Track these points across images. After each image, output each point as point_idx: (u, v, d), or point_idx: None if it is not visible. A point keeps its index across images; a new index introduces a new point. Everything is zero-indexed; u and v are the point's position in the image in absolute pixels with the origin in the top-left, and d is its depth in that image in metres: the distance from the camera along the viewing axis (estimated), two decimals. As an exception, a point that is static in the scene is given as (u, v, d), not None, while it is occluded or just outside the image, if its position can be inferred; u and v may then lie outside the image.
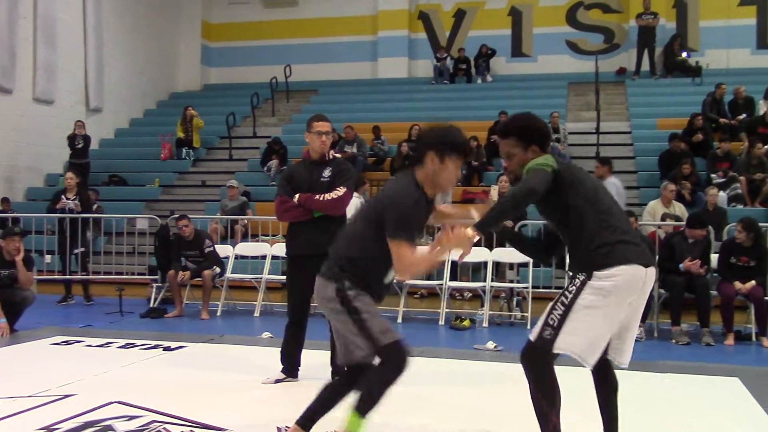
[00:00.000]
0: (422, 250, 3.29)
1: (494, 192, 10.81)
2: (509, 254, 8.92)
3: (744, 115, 13.44)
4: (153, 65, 19.01)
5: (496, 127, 13.53)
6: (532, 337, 3.25)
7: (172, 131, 15.99)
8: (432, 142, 3.28)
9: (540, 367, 3.23)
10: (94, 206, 11.60)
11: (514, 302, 8.81)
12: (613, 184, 9.79)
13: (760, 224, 8.06)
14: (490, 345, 6.90)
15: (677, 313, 7.58)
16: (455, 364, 6.10)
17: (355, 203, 5.74)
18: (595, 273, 3.14)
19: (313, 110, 12.45)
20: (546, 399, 3.20)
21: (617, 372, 3.44)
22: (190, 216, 9.31)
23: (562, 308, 3.18)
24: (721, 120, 13.48)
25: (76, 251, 9.88)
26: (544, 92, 16.76)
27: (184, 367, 5.80)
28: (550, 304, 3.27)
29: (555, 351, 3.16)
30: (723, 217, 9.73)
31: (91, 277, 10.04)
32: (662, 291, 7.92)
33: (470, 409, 4.62)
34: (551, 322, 3.18)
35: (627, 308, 3.21)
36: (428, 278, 9.10)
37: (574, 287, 3.20)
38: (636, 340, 7.92)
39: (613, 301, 3.14)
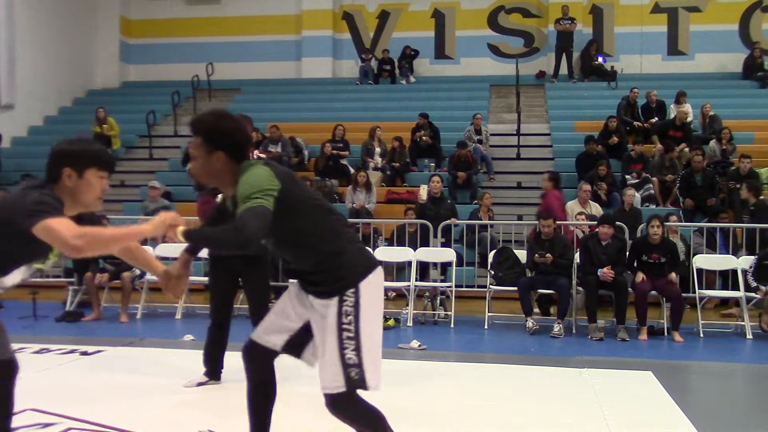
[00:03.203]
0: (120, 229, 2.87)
1: (423, 191, 10.84)
2: (433, 254, 9.04)
3: (656, 119, 13.98)
4: (69, 61, 18.36)
5: (418, 128, 13.68)
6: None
7: (88, 129, 15.50)
8: (67, 157, 2.87)
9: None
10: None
11: (438, 301, 8.92)
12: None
13: (674, 224, 8.43)
14: (415, 344, 6.97)
15: (594, 310, 7.83)
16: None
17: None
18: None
19: (236, 109, 12.28)
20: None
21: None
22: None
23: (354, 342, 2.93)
24: (635, 123, 13.99)
25: None
26: (467, 94, 17.00)
27: (103, 371, 5.66)
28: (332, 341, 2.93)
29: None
30: (638, 217, 10.10)
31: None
32: (580, 289, 8.21)
33: (399, 410, 4.64)
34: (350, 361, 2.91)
35: None
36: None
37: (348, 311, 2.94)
38: (555, 337, 8.17)
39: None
